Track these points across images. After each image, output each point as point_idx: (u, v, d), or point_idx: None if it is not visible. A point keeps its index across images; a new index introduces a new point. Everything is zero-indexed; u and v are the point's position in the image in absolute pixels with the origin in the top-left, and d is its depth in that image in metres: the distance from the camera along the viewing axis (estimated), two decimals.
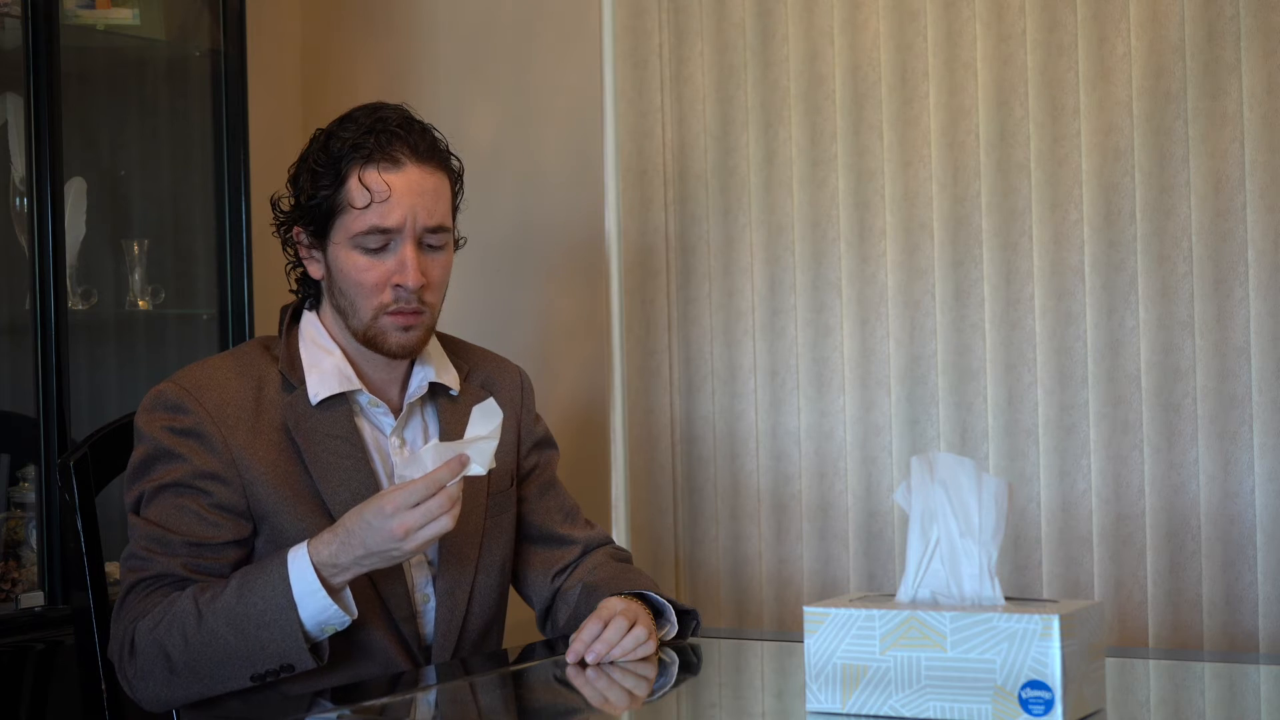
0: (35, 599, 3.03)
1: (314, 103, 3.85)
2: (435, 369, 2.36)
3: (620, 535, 3.44)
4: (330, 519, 2.20)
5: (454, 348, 2.46)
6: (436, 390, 2.38)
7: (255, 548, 2.24)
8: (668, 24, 3.39)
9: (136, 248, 3.34)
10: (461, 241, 2.41)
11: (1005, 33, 3.08)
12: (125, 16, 3.28)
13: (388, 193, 2.21)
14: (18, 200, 3.12)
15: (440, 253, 2.27)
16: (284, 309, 2.37)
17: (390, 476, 2.30)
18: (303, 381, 2.27)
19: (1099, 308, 3.00)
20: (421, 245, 2.25)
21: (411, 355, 2.29)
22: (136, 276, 3.33)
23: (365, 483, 2.25)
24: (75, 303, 3.17)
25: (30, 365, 3.05)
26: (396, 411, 2.33)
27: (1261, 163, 2.87)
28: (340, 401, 2.28)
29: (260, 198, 3.48)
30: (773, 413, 3.29)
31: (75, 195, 3.20)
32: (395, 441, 2.31)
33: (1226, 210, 2.90)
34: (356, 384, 2.29)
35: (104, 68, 3.40)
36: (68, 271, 3.11)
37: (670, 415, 3.39)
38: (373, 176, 2.22)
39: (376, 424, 2.32)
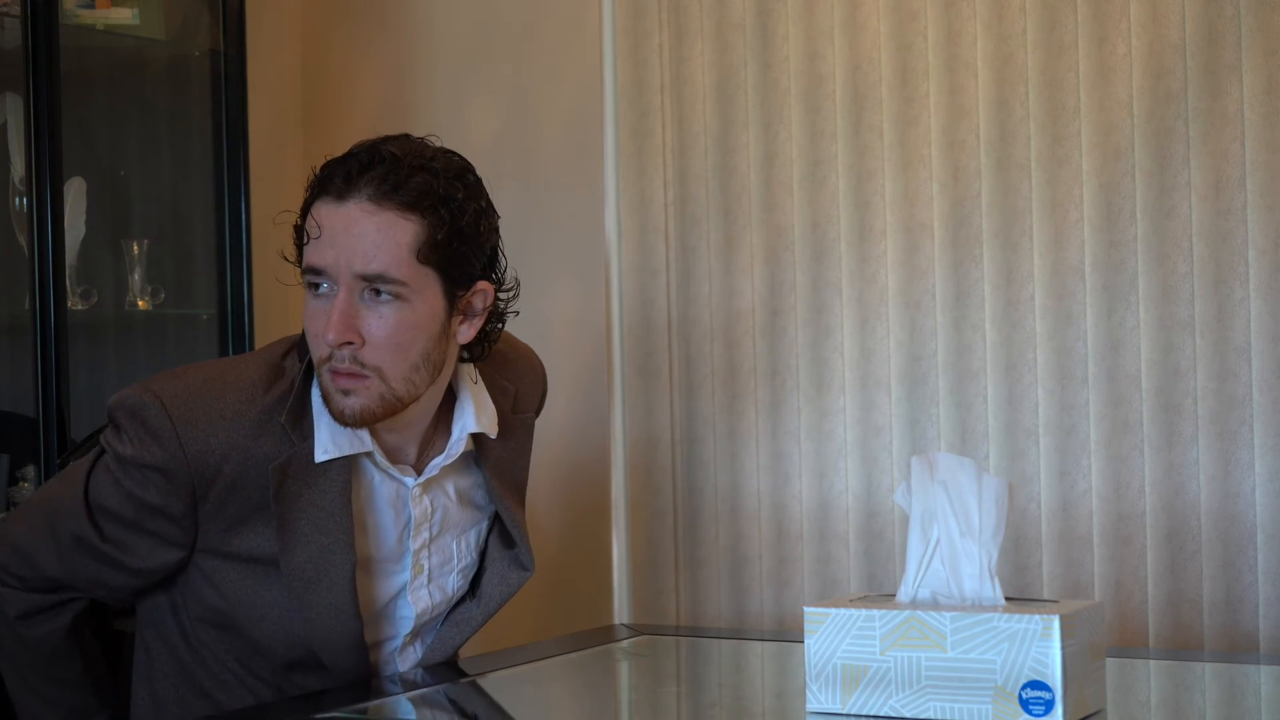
0: None
1: (314, 103, 3.85)
2: (474, 413, 2.15)
3: (620, 535, 3.44)
4: (286, 587, 2.06)
5: (491, 368, 2.24)
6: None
7: (190, 568, 2.10)
8: (668, 24, 3.39)
9: (136, 248, 3.34)
10: (505, 300, 2.13)
11: (1005, 33, 3.08)
12: (125, 16, 3.28)
13: (319, 229, 2.00)
14: (18, 200, 3.12)
15: (390, 305, 1.99)
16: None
17: (408, 529, 2.15)
18: (305, 438, 2.05)
19: (1099, 308, 3.00)
20: (362, 295, 1.99)
21: (359, 425, 2.03)
22: (136, 276, 3.33)
23: (338, 564, 2.06)
24: (75, 303, 3.17)
25: (30, 365, 3.05)
26: (417, 469, 2.15)
27: (1262, 163, 2.87)
28: (340, 470, 2.07)
29: (260, 198, 3.48)
30: (773, 413, 3.29)
31: (75, 195, 3.20)
32: (417, 491, 2.13)
33: (1227, 210, 2.90)
34: (368, 444, 2.08)
35: (104, 68, 3.40)
36: (67, 271, 3.11)
37: (670, 415, 3.38)
38: (315, 210, 2.02)
39: (396, 476, 2.13)
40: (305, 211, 2.05)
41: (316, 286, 2.02)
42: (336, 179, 2.01)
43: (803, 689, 1.86)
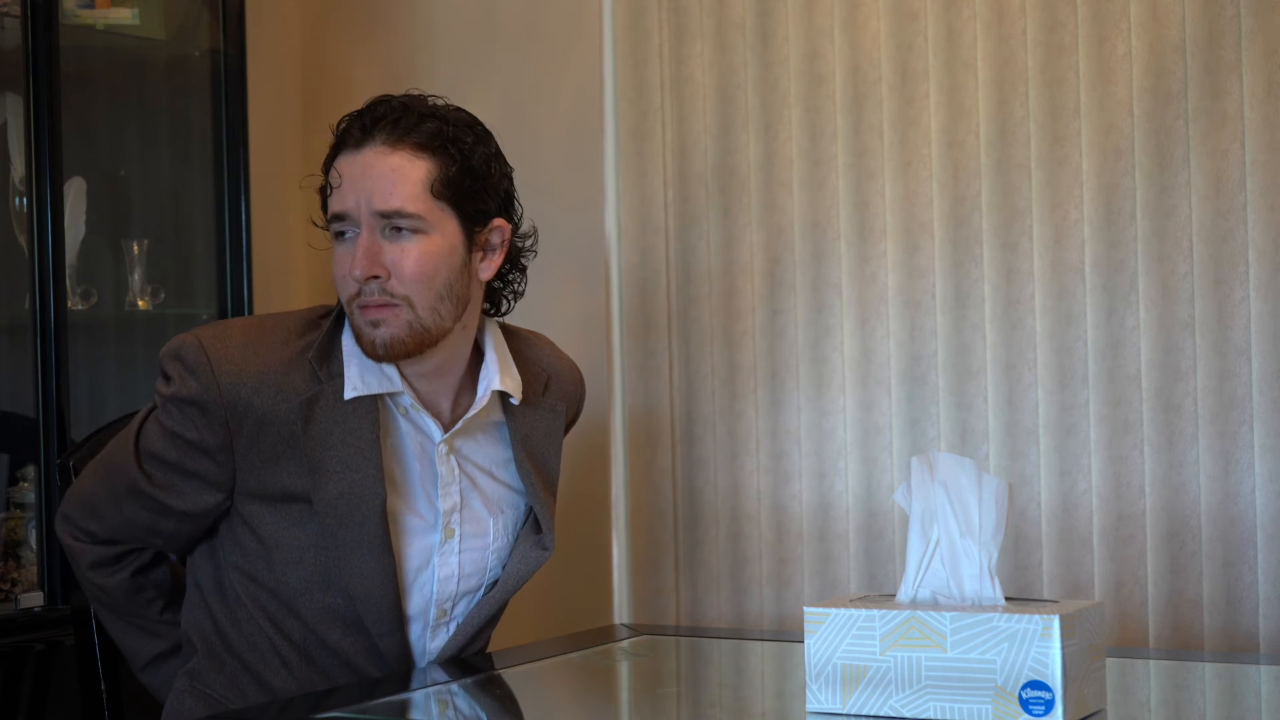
0: (35, 599, 3.03)
1: (314, 102, 3.85)
2: (499, 372, 2.22)
3: (620, 535, 3.44)
4: (320, 526, 2.14)
5: (527, 349, 2.34)
6: (495, 398, 2.25)
7: (232, 515, 2.19)
8: (668, 24, 3.39)
9: (136, 248, 3.34)
10: (524, 242, 2.27)
11: (1005, 33, 3.08)
12: (125, 16, 3.28)
13: (340, 178, 2.14)
14: (18, 200, 3.12)
15: (411, 239, 2.11)
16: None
17: (433, 485, 2.20)
18: (332, 376, 2.15)
19: (1099, 308, 3.00)
20: (384, 232, 2.12)
21: (391, 356, 2.13)
22: (136, 276, 3.33)
23: (369, 498, 2.14)
24: (75, 303, 3.17)
25: (30, 365, 3.05)
26: (446, 425, 2.21)
27: (1261, 163, 2.87)
28: (369, 407, 2.15)
29: (260, 198, 3.49)
30: (773, 413, 3.29)
31: (75, 195, 3.20)
32: (443, 449, 2.20)
33: (1227, 210, 2.90)
34: (398, 385, 2.16)
35: (104, 68, 3.40)
36: (67, 271, 3.11)
37: (670, 415, 3.39)
38: (336, 163, 2.16)
39: (423, 427, 2.20)
40: (327, 169, 2.17)
41: (342, 234, 2.15)
42: (354, 131, 2.15)
43: (803, 689, 1.86)
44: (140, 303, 3.34)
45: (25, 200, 3.07)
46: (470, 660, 2.30)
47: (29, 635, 2.98)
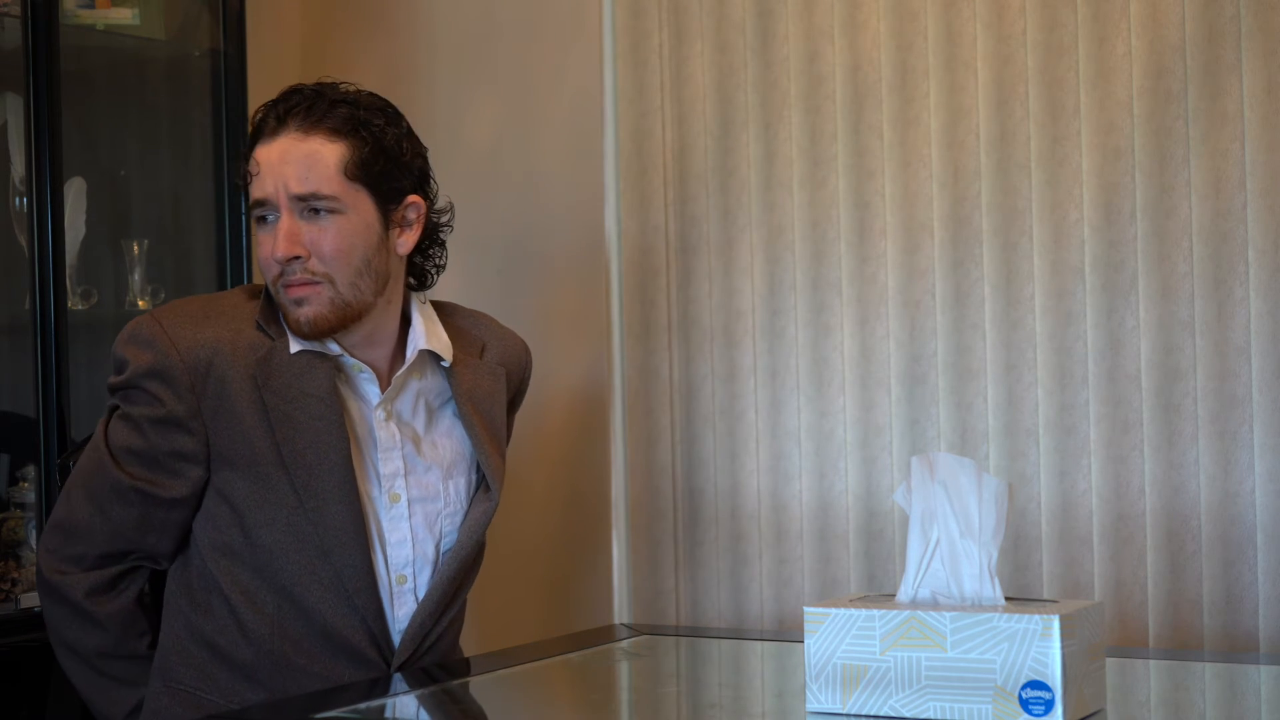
0: (35, 599, 3.03)
1: None
2: (424, 335, 2.31)
3: (620, 535, 3.44)
4: (290, 481, 2.20)
5: (461, 321, 2.43)
6: (430, 363, 2.34)
7: (208, 488, 2.24)
8: (668, 24, 3.39)
9: (136, 248, 3.34)
10: (441, 218, 2.36)
11: (1005, 33, 3.08)
12: (125, 16, 3.28)
13: (259, 166, 2.23)
14: (18, 200, 3.12)
15: (328, 219, 2.21)
16: None
17: (373, 449, 2.27)
18: (281, 334, 2.25)
19: (1099, 308, 3.00)
20: (302, 214, 2.21)
21: (316, 332, 2.23)
22: (136, 276, 3.33)
23: (335, 445, 2.22)
24: (75, 303, 3.17)
25: (30, 365, 3.05)
26: (385, 386, 2.30)
27: (1261, 163, 2.87)
28: (321, 360, 2.25)
29: None
30: (773, 413, 3.29)
31: (75, 195, 3.20)
32: (381, 414, 2.28)
33: (1226, 210, 2.90)
34: (335, 348, 2.26)
35: (104, 68, 3.40)
36: (68, 271, 3.11)
37: (670, 415, 3.38)
38: (255, 151, 2.25)
39: (362, 394, 2.29)
40: (247, 159, 2.28)
41: (264, 219, 2.24)
42: (269, 120, 2.26)
43: (803, 689, 1.86)
44: (140, 303, 3.34)
45: (25, 200, 3.07)
46: (470, 661, 2.30)
47: (29, 635, 2.98)
